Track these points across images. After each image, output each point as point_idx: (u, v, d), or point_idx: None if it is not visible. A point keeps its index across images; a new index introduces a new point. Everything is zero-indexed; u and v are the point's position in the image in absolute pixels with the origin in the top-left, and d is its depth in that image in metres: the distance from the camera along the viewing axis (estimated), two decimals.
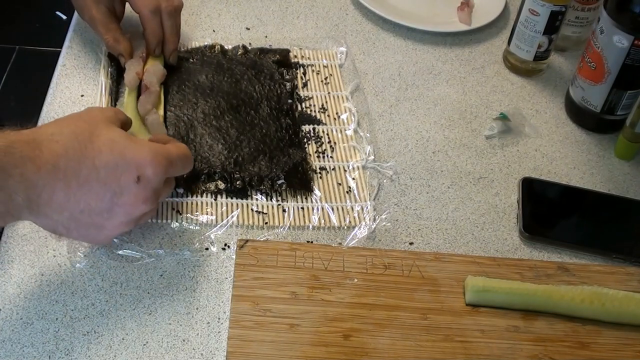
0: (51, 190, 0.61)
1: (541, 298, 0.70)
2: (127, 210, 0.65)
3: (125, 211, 0.65)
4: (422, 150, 0.87)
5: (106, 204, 0.63)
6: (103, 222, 0.64)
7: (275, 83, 0.90)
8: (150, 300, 0.69)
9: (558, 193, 0.85)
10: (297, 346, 0.66)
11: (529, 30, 0.94)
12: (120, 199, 0.63)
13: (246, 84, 0.90)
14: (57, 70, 0.90)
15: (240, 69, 0.91)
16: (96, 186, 0.62)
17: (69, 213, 0.62)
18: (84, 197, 0.62)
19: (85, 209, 0.63)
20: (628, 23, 0.82)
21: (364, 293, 0.71)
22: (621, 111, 0.89)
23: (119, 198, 0.63)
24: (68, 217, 0.63)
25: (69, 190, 0.61)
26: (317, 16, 1.04)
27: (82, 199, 0.62)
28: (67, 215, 0.63)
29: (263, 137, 0.83)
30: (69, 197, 0.61)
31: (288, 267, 0.72)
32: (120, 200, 0.63)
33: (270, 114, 0.86)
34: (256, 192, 0.78)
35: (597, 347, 0.69)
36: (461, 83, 0.97)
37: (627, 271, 0.76)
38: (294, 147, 0.83)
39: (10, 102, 2.13)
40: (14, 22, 2.39)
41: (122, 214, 0.65)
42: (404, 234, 0.78)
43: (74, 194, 0.62)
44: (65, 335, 0.65)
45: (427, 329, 0.69)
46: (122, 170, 0.63)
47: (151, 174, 0.64)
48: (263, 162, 0.80)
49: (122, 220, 0.65)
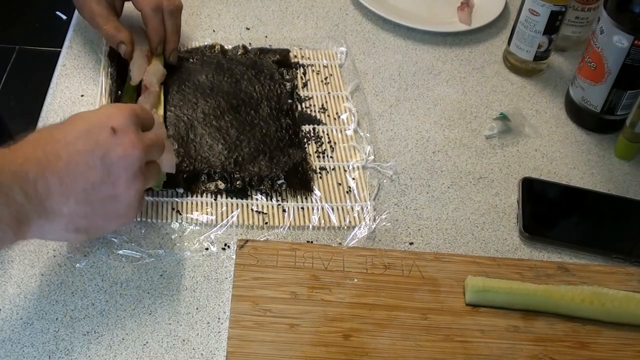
0: (44, 179, 0.59)
1: (541, 298, 0.70)
2: (124, 164, 0.62)
3: (124, 166, 0.62)
4: (422, 150, 0.87)
5: (101, 170, 0.61)
6: (112, 190, 0.62)
7: (275, 83, 0.90)
8: (150, 300, 0.69)
9: (558, 193, 0.85)
10: (297, 346, 0.66)
11: (529, 30, 0.94)
12: (110, 157, 0.62)
13: (246, 84, 0.90)
14: (57, 70, 0.90)
15: (240, 69, 0.91)
16: (81, 158, 0.61)
17: (73, 198, 0.61)
18: (77, 173, 0.61)
19: (86, 185, 0.61)
20: (628, 23, 0.82)
21: (364, 293, 0.71)
22: (621, 111, 0.89)
23: (108, 157, 0.62)
24: (76, 202, 0.61)
25: (59, 173, 0.60)
26: (317, 16, 1.04)
27: (76, 176, 0.61)
28: (74, 201, 0.61)
29: (263, 137, 0.83)
30: (63, 180, 0.60)
31: (288, 267, 0.72)
32: (111, 158, 0.62)
33: (270, 114, 0.86)
34: (256, 192, 0.78)
35: (597, 347, 0.69)
36: (461, 83, 0.97)
37: (627, 271, 0.76)
38: (294, 147, 0.83)
39: (10, 102, 2.13)
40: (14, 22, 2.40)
41: (123, 171, 0.62)
42: (404, 234, 0.78)
43: (66, 175, 0.60)
44: (65, 335, 0.65)
45: (427, 329, 0.69)
46: (95, 132, 0.62)
47: (122, 118, 0.63)
48: (263, 162, 0.80)
49: (128, 177, 0.63)
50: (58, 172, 0.60)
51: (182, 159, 0.79)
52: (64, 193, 0.60)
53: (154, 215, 0.75)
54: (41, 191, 0.59)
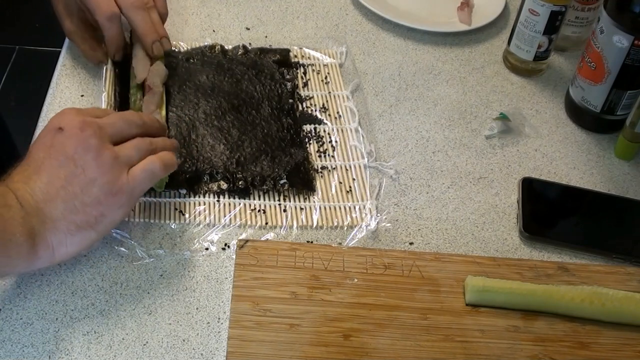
0: (29, 191, 0.63)
1: (541, 298, 0.70)
2: (82, 149, 0.65)
3: (83, 151, 0.65)
4: (422, 150, 0.87)
5: (66, 164, 0.64)
6: (85, 176, 0.64)
7: (276, 83, 0.90)
8: (150, 300, 0.69)
9: (558, 193, 0.85)
10: (297, 346, 0.66)
11: (529, 30, 0.94)
12: (66, 150, 0.64)
13: (247, 84, 0.90)
14: (57, 70, 0.90)
15: (241, 69, 0.91)
16: (44, 163, 0.64)
17: (59, 199, 0.63)
18: (49, 177, 0.64)
19: (62, 183, 0.64)
20: (628, 23, 0.82)
21: (364, 293, 0.71)
22: (621, 111, 0.89)
23: (65, 151, 0.64)
24: (63, 202, 0.63)
25: (35, 182, 0.63)
26: (317, 16, 1.04)
27: (50, 180, 0.64)
28: (61, 201, 0.63)
29: (265, 137, 0.83)
30: (41, 188, 0.63)
31: (288, 267, 0.72)
32: (68, 151, 0.64)
33: (272, 113, 0.86)
34: (258, 192, 0.78)
35: (597, 347, 0.69)
36: (461, 83, 0.97)
37: (627, 271, 0.76)
38: (295, 147, 0.83)
39: (10, 102, 2.13)
40: (14, 22, 2.40)
41: (85, 154, 0.65)
42: (404, 234, 0.78)
43: (40, 182, 0.63)
44: (65, 335, 0.65)
45: (427, 329, 0.69)
46: (46, 138, 0.66)
47: (64, 117, 0.66)
48: (265, 162, 0.80)
49: (93, 157, 0.65)
50: (34, 181, 0.64)
51: (184, 159, 0.79)
52: (47, 199, 0.63)
53: (154, 215, 0.75)
54: (31, 201, 0.63)
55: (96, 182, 0.64)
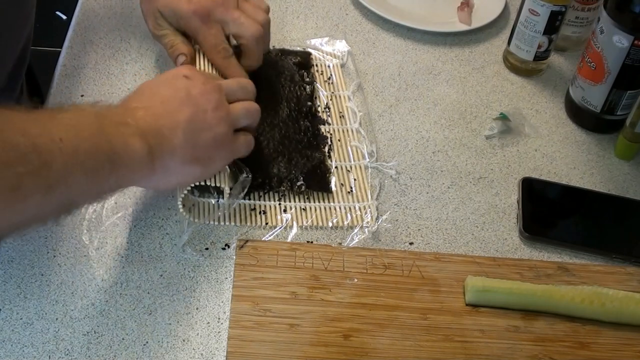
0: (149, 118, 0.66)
1: (541, 298, 0.70)
2: (206, 97, 0.70)
3: (207, 99, 0.70)
4: (422, 150, 0.87)
5: (190, 104, 0.69)
6: (205, 119, 0.69)
7: (296, 85, 0.90)
8: (150, 300, 0.69)
9: (558, 193, 0.85)
10: (297, 346, 0.66)
11: (529, 30, 0.94)
12: (192, 93, 0.69)
13: (267, 84, 0.89)
14: (57, 70, 0.90)
15: (264, 69, 0.89)
16: (170, 98, 0.69)
17: (179, 130, 0.67)
18: (172, 109, 0.68)
19: (184, 116, 0.68)
20: (628, 23, 0.82)
21: (364, 293, 0.71)
22: (621, 111, 0.89)
23: (191, 93, 0.69)
24: (184, 133, 0.67)
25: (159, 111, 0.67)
26: (317, 16, 1.04)
27: (174, 111, 0.68)
28: (183, 132, 0.67)
29: (282, 139, 0.83)
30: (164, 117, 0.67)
31: (288, 267, 0.72)
32: (193, 94, 0.69)
33: (290, 115, 0.86)
34: (259, 192, 0.78)
35: (597, 347, 0.69)
36: (461, 83, 0.97)
37: (627, 271, 0.76)
38: (312, 149, 0.82)
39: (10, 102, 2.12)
40: None
41: (207, 103, 0.70)
42: (404, 234, 0.78)
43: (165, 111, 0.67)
44: (65, 335, 0.65)
45: (427, 329, 0.69)
46: (171, 80, 0.71)
47: (189, 70, 0.72)
48: (282, 164, 0.80)
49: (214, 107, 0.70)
50: (156, 108, 0.67)
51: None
52: (171, 126, 0.67)
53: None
54: (153, 124, 0.66)
55: (212, 129, 0.69)
